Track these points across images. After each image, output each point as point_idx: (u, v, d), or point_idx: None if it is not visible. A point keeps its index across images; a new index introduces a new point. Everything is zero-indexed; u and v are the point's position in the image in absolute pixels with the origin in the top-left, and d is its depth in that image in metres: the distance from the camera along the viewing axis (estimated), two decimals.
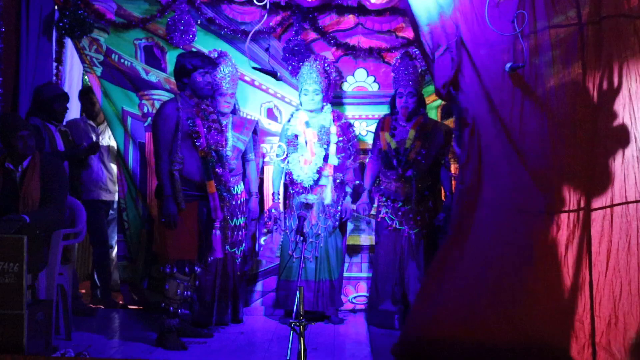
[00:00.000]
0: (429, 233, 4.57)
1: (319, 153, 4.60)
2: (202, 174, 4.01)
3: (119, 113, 4.93)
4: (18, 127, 3.83)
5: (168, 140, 3.93)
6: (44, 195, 3.82)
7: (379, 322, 4.60)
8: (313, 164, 4.59)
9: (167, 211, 3.90)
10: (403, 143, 4.58)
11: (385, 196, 4.64)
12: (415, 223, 4.56)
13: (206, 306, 4.51)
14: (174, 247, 3.96)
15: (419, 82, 4.63)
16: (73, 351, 3.70)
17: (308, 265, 4.61)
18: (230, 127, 4.59)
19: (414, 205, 4.56)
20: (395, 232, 4.58)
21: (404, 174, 4.56)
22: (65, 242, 4.06)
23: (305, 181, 4.58)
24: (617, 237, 3.31)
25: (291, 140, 4.66)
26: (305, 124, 4.64)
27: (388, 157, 4.60)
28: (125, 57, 4.90)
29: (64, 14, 4.71)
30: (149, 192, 4.92)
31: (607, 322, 3.30)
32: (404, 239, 4.56)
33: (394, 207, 4.60)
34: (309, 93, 4.62)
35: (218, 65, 4.51)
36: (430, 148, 4.56)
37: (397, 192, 4.59)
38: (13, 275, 3.36)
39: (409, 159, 4.55)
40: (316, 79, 4.60)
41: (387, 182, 4.64)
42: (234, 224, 4.58)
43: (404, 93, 4.56)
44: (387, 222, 4.61)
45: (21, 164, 3.87)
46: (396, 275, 4.56)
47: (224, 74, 4.53)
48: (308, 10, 4.87)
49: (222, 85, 4.52)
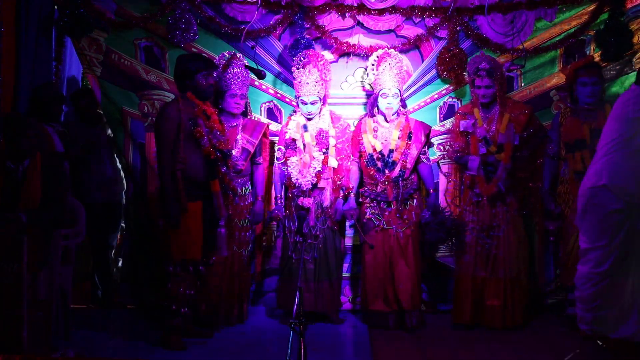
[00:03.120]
0: (416, 231, 4.56)
1: (317, 156, 4.59)
2: (206, 173, 4.02)
3: (119, 113, 4.92)
4: (23, 127, 3.85)
5: (170, 141, 3.94)
6: (45, 195, 3.82)
7: (372, 323, 4.60)
8: (312, 168, 4.58)
9: (170, 211, 3.92)
10: (387, 144, 4.58)
11: (370, 198, 4.64)
12: (402, 222, 4.55)
13: (212, 306, 4.51)
14: (177, 247, 3.98)
15: (402, 82, 4.65)
16: (73, 351, 3.69)
17: (307, 266, 4.61)
18: (240, 129, 4.60)
19: (400, 204, 4.55)
20: (382, 233, 4.57)
21: (390, 176, 4.56)
22: (65, 242, 4.06)
23: (304, 184, 4.58)
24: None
25: (289, 144, 4.65)
26: (303, 128, 4.64)
27: (372, 158, 4.59)
28: (125, 57, 4.89)
29: (64, 13, 4.70)
30: (149, 192, 4.92)
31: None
32: (392, 239, 4.55)
33: (380, 208, 4.59)
34: (307, 104, 4.61)
35: (219, 67, 4.52)
36: (413, 147, 4.58)
37: (382, 193, 4.58)
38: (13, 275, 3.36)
39: (394, 160, 4.55)
40: (313, 89, 4.57)
41: (372, 183, 4.63)
42: (242, 224, 4.58)
43: (389, 94, 4.55)
44: (374, 222, 4.60)
45: (22, 164, 3.88)
46: (387, 275, 4.55)
47: (234, 75, 4.53)
48: (308, 10, 4.87)
49: (232, 86, 4.52)
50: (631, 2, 4.70)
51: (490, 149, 4.50)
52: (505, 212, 4.51)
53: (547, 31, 4.88)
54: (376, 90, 4.65)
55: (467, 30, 4.89)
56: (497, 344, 4.19)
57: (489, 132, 4.53)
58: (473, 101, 4.68)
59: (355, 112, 5.02)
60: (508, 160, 4.45)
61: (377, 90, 4.64)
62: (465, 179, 4.62)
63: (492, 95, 4.53)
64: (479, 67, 4.49)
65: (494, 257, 4.50)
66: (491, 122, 4.56)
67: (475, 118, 4.58)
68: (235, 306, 4.62)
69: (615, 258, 3.67)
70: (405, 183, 4.58)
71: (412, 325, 4.49)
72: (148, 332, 4.33)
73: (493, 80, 4.48)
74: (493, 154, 4.50)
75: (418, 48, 4.98)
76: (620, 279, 3.71)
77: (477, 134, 4.55)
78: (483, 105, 4.58)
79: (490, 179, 4.49)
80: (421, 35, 4.93)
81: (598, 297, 3.74)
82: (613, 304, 3.73)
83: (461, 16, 4.87)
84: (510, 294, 4.48)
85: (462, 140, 4.62)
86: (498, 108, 4.56)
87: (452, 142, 4.70)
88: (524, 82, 4.96)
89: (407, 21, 4.96)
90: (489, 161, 4.50)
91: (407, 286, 4.50)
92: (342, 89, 5.03)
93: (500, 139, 4.49)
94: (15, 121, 3.90)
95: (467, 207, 4.60)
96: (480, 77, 4.48)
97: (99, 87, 4.89)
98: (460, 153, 4.62)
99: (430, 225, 4.48)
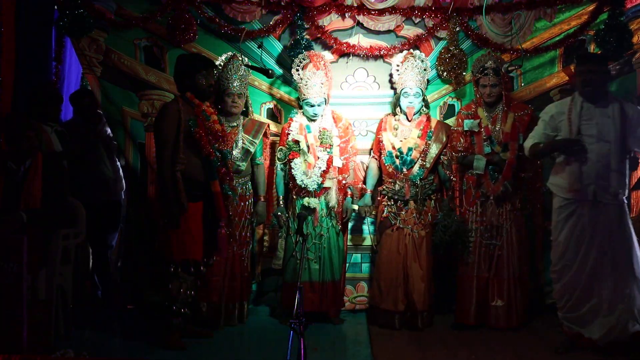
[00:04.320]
0: (431, 233, 4.57)
1: (322, 156, 4.60)
2: (205, 173, 4.02)
3: (119, 113, 4.92)
4: (25, 127, 3.86)
5: (170, 141, 3.94)
6: (45, 195, 3.83)
7: (380, 322, 4.60)
8: (317, 168, 4.59)
9: (169, 211, 3.92)
10: (407, 143, 4.59)
11: (388, 196, 4.64)
12: (419, 222, 4.56)
13: (214, 307, 4.52)
14: (178, 247, 3.98)
15: (424, 82, 4.67)
16: (73, 351, 3.69)
17: (312, 266, 4.61)
18: (241, 129, 4.60)
19: (417, 204, 4.57)
20: (398, 232, 4.58)
21: (407, 174, 4.56)
22: (65, 242, 4.06)
23: (310, 185, 4.59)
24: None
25: (292, 147, 4.65)
26: (306, 129, 4.64)
27: (391, 157, 4.61)
28: (125, 57, 4.89)
29: (64, 13, 4.70)
30: (149, 192, 4.92)
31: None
32: (407, 239, 4.56)
33: (397, 207, 4.60)
34: (315, 105, 4.62)
35: (219, 67, 4.52)
36: (433, 147, 4.60)
37: (400, 192, 4.59)
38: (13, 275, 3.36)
39: (413, 158, 4.56)
40: (320, 91, 4.60)
41: (390, 182, 4.64)
42: (242, 224, 4.58)
43: (411, 93, 4.58)
44: (390, 222, 4.60)
45: (23, 164, 3.88)
46: (400, 275, 4.56)
47: (232, 75, 4.53)
48: (308, 10, 4.87)
49: (230, 86, 4.52)
50: (631, 2, 4.70)
51: (495, 149, 4.51)
52: (509, 212, 4.51)
53: (547, 31, 4.88)
54: (398, 90, 4.70)
55: (466, 30, 4.89)
56: (497, 344, 4.19)
57: (494, 132, 4.54)
58: (476, 101, 4.68)
59: (356, 112, 5.01)
60: (514, 159, 4.46)
61: (399, 89, 4.68)
62: (468, 179, 4.62)
63: (498, 94, 4.53)
64: (485, 66, 4.50)
65: (498, 257, 4.50)
66: (495, 121, 4.56)
67: (480, 117, 4.58)
68: (237, 306, 4.62)
69: (562, 255, 3.91)
70: (424, 183, 4.59)
71: (423, 326, 4.51)
72: (148, 332, 4.33)
73: (499, 79, 4.49)
74: (498, 153, 4.50)
75: (418, 48, 4.98)
76: (582, 278, 3.80)
77: (481, 134, 4.56)
78: (488, 104, 4.58)
79: (496, 179, 4.50)
80: (421, 35, 4.93)
81: (564, 294, 3.97)
82: (579, 303, 3.89)
83: (461, 16, 4.87)
84: (514, 294, 4.48)
85: (466, 140, 4.63)
86: (501, 107, 4.56)
87: (456, 142, 4.71)
88: (524, 82, 4.96)
89: (407, 21, 4.96)
90: (494, 160, 4.51)
91: (420, 287, 4.51)
92: (342, 89, 5.03)
93: (505, 138, 4.49)
94: (16, 121, 3.91)
95: (471, 208, 4.60)
96: (488, 75, 4.48)
97: (99, 87, 4.89)
98: (464, 153, 4.63)
99: (438, 226, 4.51)
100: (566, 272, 3.95)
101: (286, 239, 4.73)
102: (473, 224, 4.55)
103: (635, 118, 3.91)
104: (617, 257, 3.86)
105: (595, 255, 3.86)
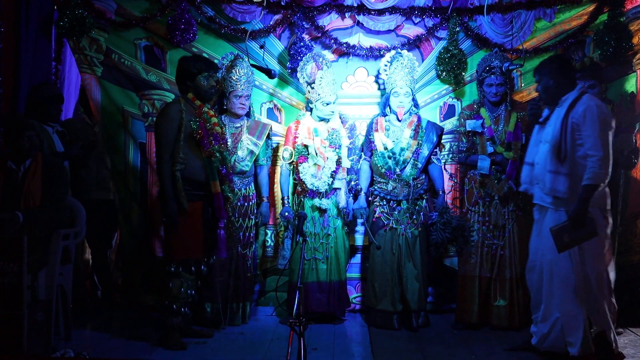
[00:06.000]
0: (425, 232, 4.57)
1: (331, 157, 4.60)
2: (206, 174, 4.02)
3: (119, 113, 4.92)
4: (25, 127, 3.87)
5: (170, 141, 3.95)
6: (45, 195, 3.83)
7: (377, 323, 4.60)
8: (327, 169, 4.60)
9: (169, 211, 3.93)
10: (399, 143, 4.59)
11: (380, 196, 4.64)
12: (412, 222, 4.56)
13: (218, 307, 4.52)
14: (179, 247, 3.99)
15: (413, 82, 4.67)
16: (73, 351, 3.69)
17: (320, 266, 4.62)
18: (245, 131, 4.60)
19: (410, 204, 4.56)
20: (391, 232, 4.58)
21: (400, 174, 4.57)
22: (65, 242, 4.06)
23: (320, 187, 4.59)
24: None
25: (301, 151, 4.65)
26: (313, 132, 4.64)
27: (384, 157, 4.60)
28: (125, 56, 4.89)
29: (64, 13, 4.70)
30: (150, 192, 4.92)
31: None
32: (400, 239, 4.56)
33: (389, 207, 4.60)
34: (331, 103, 4.62)
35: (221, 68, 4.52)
36: (424, 147, 4.59)
37: (393, 192, 4.59)
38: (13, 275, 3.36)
39: (405, 158, 4.57)
40: (334, 88, 4.62)
41: (382, 182, 4.64)
42: (246, 225, 4.59)
43: (401, 93, 4.58)
44: (383, 222, 4.60)
45: (23, 164, 3.89)
46: (394, 275, 4.56)
47: (239, 76, 4.54)
48: (308, 10, 4.87)
49: (238, 87, 4.53)
50: (631, 2, 4.70)
51: (498, 149, 4.52)
52: (511, 212, 4.52)
53: (546, 31, 4.88)
54: (388, 90, 4.69)
55: (466, 30, 4.89)
56: (497, 344, 4.19)
57: (497, 132, 4.55)
58: (479, 100, 4.68)
59: (356, 112, 5.02)
60: (517, 159, 4.46)
61: (388, 89, 4.67)
62: (470, 180, 4.62)
63: (504, 93, 4.54)
64: (492, 65, 4.50)
65: (501, 257, 4.51)
66: (498, 121, 4.57)
67: (483, 118, 4.58)
68: (240, 306, 4.62)
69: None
70: (416, 183, 4.59)
71: (418, 326, 4.51)
72: (148, 332, 4.33)
73: (505, 78, 4.50)
74: (501, 153, 4.51)
75: (418, 48, 4.98)
76: (538, 282, 3.86)
77: (484, 134, 4.56)
78: (492, 104, 4.58)
79: (499, 179, 4.50)
80: (421, 35, 4.94)
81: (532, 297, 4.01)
82: (534, 306, 3.93)
83: (461, 16, 4.87)
84: (516, 294, 4.49)
85: (469, 140, 4.63)
86: (504, 107, 4.57)
87: (458, 142, 4.70)
88: (524, 83, 4.96)
89: (407, 21, 4.97)
90: (497, 160, 4.51)
91: (414, 287, 4.51)
92: (342, 88, 5.03)
93: (508, 138, 4.50)
94: (16, 121, 3.91)
95: (473, 208, 4.60)
96: (495, 74, 4.49)
97: (99, 87, 4.89)
98: (466, 153, 4.63)
99: (436, 225, 4.50)
100: (530, 274, 3.95)
101: (292, 238, 4.73)
102: (475, 224, 4.55)
103: (577, 118, 3.63)
104: (555, 265, 3.74)
105: (542, 260, 3.83)
